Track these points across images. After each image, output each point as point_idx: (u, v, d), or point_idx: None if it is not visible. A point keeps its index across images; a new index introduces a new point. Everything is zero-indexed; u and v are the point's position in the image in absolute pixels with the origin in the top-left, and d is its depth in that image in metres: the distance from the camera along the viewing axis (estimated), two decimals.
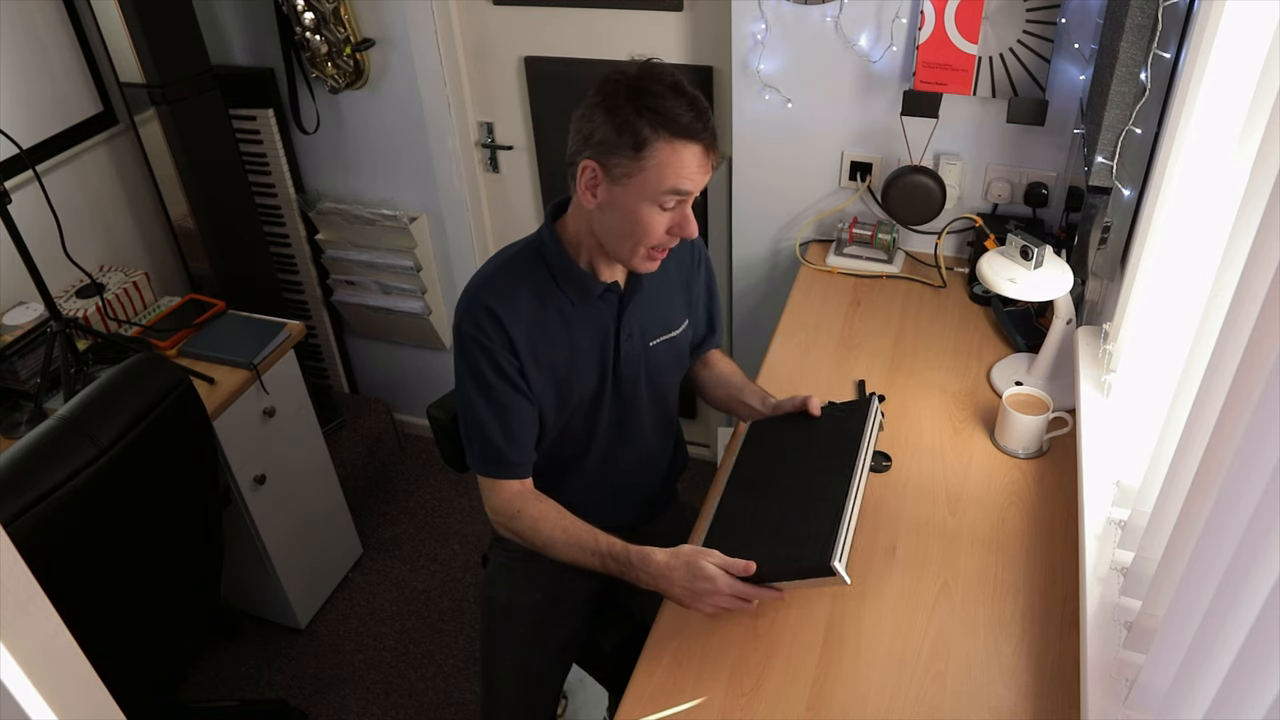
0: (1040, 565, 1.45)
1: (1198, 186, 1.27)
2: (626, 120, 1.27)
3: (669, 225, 1.35)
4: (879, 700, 1.27)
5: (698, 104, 1.30)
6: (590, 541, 1.40)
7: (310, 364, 3.06)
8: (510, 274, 1.44)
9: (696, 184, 1.32)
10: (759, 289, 2.45)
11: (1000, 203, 2.11)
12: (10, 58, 2.19)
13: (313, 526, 2.50)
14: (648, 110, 1.27)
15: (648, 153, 1.28)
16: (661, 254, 1.40)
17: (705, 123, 1.30)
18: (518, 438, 1.45)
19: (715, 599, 1.29)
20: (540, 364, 1.44)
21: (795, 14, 2.02)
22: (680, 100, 1.28)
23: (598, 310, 1.47)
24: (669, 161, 1.28)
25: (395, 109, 2.53)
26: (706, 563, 1.30)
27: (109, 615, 1.70)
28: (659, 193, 1.30)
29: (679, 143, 1.28)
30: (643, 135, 1.27)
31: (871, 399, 1.49)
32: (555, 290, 1.44)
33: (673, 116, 1.27)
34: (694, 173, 1.31)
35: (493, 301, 1.40)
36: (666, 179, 1.29)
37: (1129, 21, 1.35)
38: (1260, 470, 0.82)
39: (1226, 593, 0.86)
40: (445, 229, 2.70)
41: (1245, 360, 0.88)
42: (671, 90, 1.28)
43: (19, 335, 2.08)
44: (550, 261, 1.43)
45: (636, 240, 1.36)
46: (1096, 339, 1.64)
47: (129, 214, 2.57)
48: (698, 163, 1.30)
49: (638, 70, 1.30)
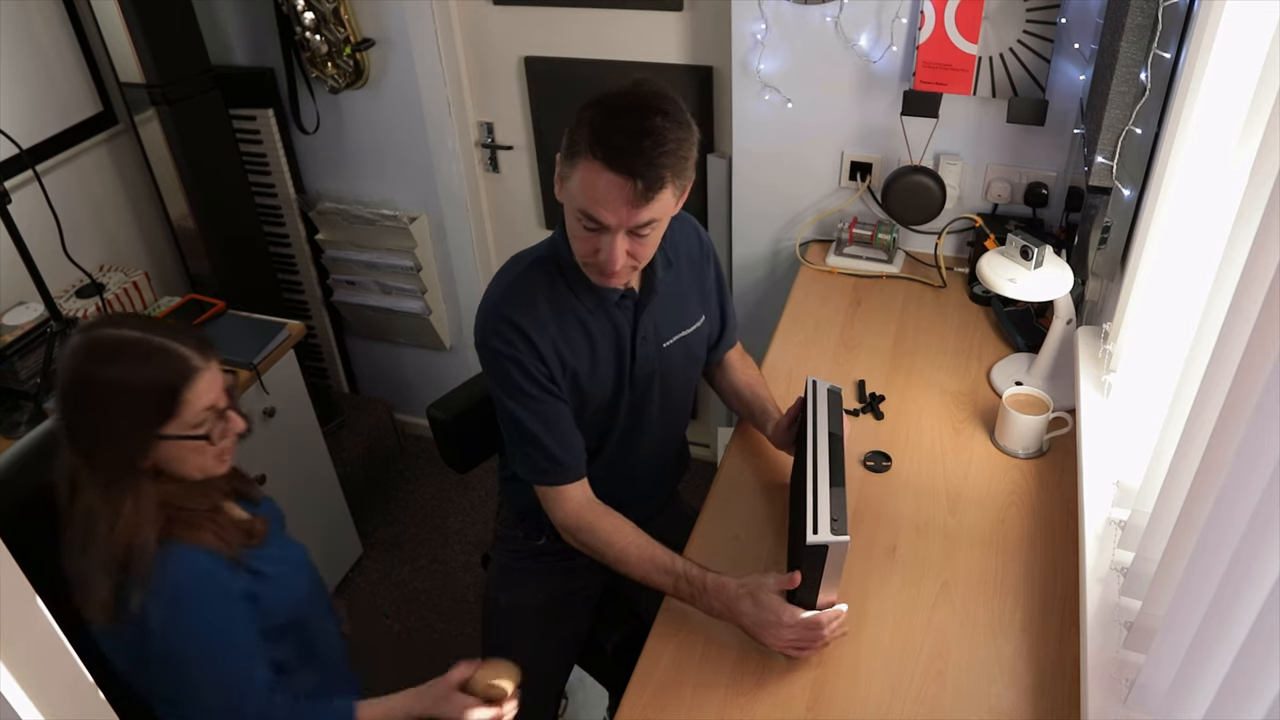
0: (1040, 565, 1.45)
1: (1198, 186, 1.27)
2: (578, 125, 1.25)
3: (595, 248, 1.31)
4: (879, 700, 1.27)
5: (649, 138, 1.21)
6: (667, 562, 1.38)
7: (310, 364, 3.06)
8: (527, 285, 1.42)
9: (612, 216, 1.25)
10: (759, 289, 2.45)
11: (1000, 203, 2.10)
12: (10, 58, 2.19)
13: (313, 526, 2.50)
14: (591, 125, 1.23)
15: (573, 164, 1.25)
16: (604, 278, 1.35)
17: (645, 159, 1.21)
18: (566, 440, 1.44)
19: (781, 632, 1.29)
20: (565, 371, 1.43)
21: (795, 14, 2.02)
22: (634, 128, 1.21)
23: (614, 316, 1.46)
24: (586, 181, 1.24)
25: (395, 109, 2.53)
26: (767, 594, 1.30)
27: None
28: (575, 208, 1.28)
29: (598, 165, 1.22)
30: (576, 144, 1.24)
31: (810, 382, 1.48)
32: (572, 299, 1.43)
33: (605, 139, 1.21)
34: (603, 199, 1.24)
35: (514, 314, 1.39)
36: (581, 197, 1.26)
37: (1129, 21, 1.35)
38: (1260, 470, 0.82)
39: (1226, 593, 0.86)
40: (445, 229, 2.70)
41: (1245, 360, 0.88)
42: (641, 115, 1.22)
43: (19, 335, 2.08)
44: (564, 270, 1.42)
45: (576, 248, 1.35)
46: (1096, 339, 1.64)
47: (129, 214, 2.57)
48: (614, 194, 1.23)
49: (633, 88, 1.27)
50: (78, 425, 1.21)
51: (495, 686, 1.33)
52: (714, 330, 1.66)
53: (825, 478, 1.30)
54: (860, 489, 1.60)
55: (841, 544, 1.22)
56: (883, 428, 1.73)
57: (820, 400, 1.45)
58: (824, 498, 1.27)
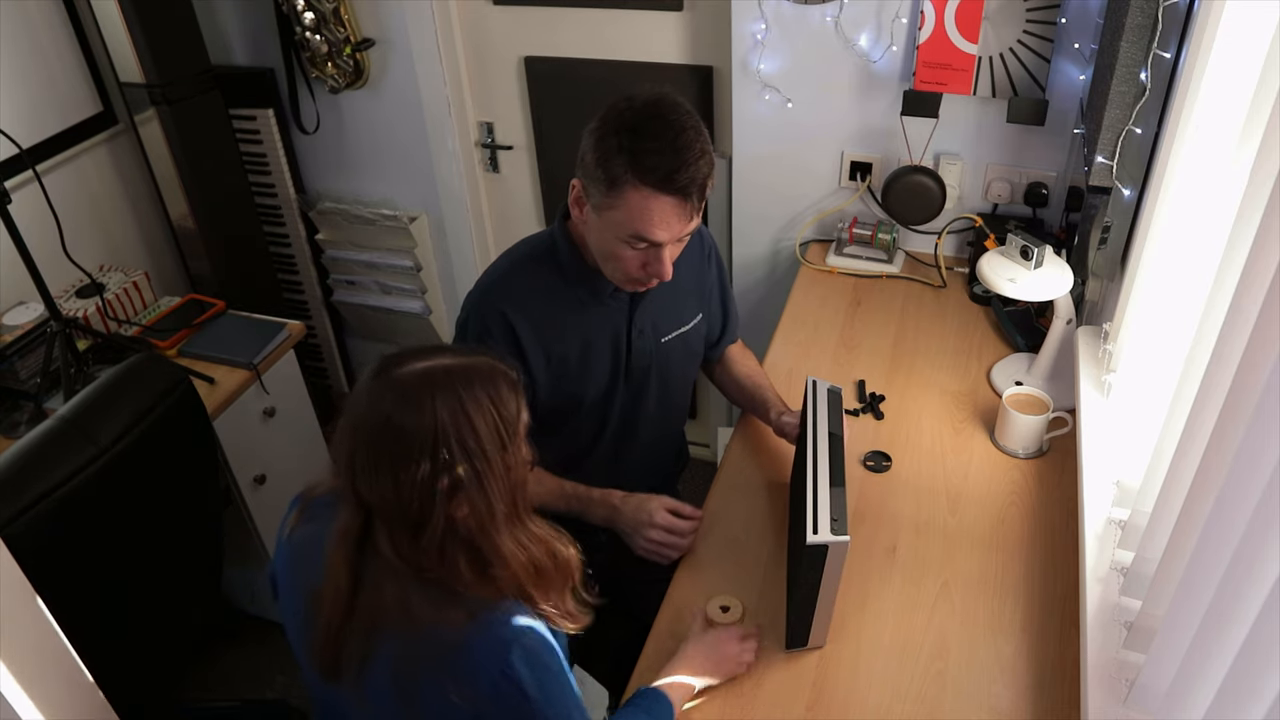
0: (1040, 565, 1.44)
1: (1198, 186, 1.27)
2: (608, 155, 1.25)
3: (642, 263, 1.34)
4: (879, 700, 1.27)
5: (686, 153, 1.24)
6: (556, 487, 1.50)
7: (310, 364, 3.05)
8: (521, 272, 1.45)
9: (667, 234, 1.29)
10: (759, 289, 2.45)
11: (1000, 203, 2.10)
12: (10, 58, 2.19)
13: None
14: (628, 152, 1.23)
15: (618, 193, 1.26)
16: (641, 286, 1.40)
17: (689, 173, 1.24)
18: None
19: (650, 533, 1.43)
20: (551, 360, 1.45)
21: (795, 14, 2.02)
22: (668, 146, 1.24)
23: (610, 308, 1.48)
24: (638, 208, 1.26)
25: (395, 109, 2.53)
26: (649, 499, 1.43)
27: (109, 616, 1.70)
28: (626, 234, 1.29)
29: (647, 191, 1.24)
30: (616, 175, 1.25)
31: (810, 382, 1.48)
32: (566, 288, 1.45)
33: (651, 166, 1.23)
34: (661, 223, 1.27)
35: (501, 303, 1.41)
36: (633, 224, 1.27)
37: (1129, 21, 1.35)
38: (1260, 470, 0.82)
39: (1226, 593, 0.86)
40: (445, 229, 2.70)
41: (1245, 360, 0.88)
42: (666, 131, 1.24)
43: (19, 335, 2.08)
44: (561, 260, 1.44)
45: (614, 267, 1.37)
46: (1096, 339, 1.64)
47: (129, 214, 2.57)
48: (670, 214, 1.27)
49: (643, 103, 1.27)
50: None
51: (729, 609, 1.39)
52: (714, 328, 1.67)
53: (825, 478, 1.29)
54: (860, 489, 1.60)
55: (841, 544, 1.22)
56: (883, 428, 1.73)
57: (820, 400, 1.45)
58: (824, 498, 1.26)
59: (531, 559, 1.04)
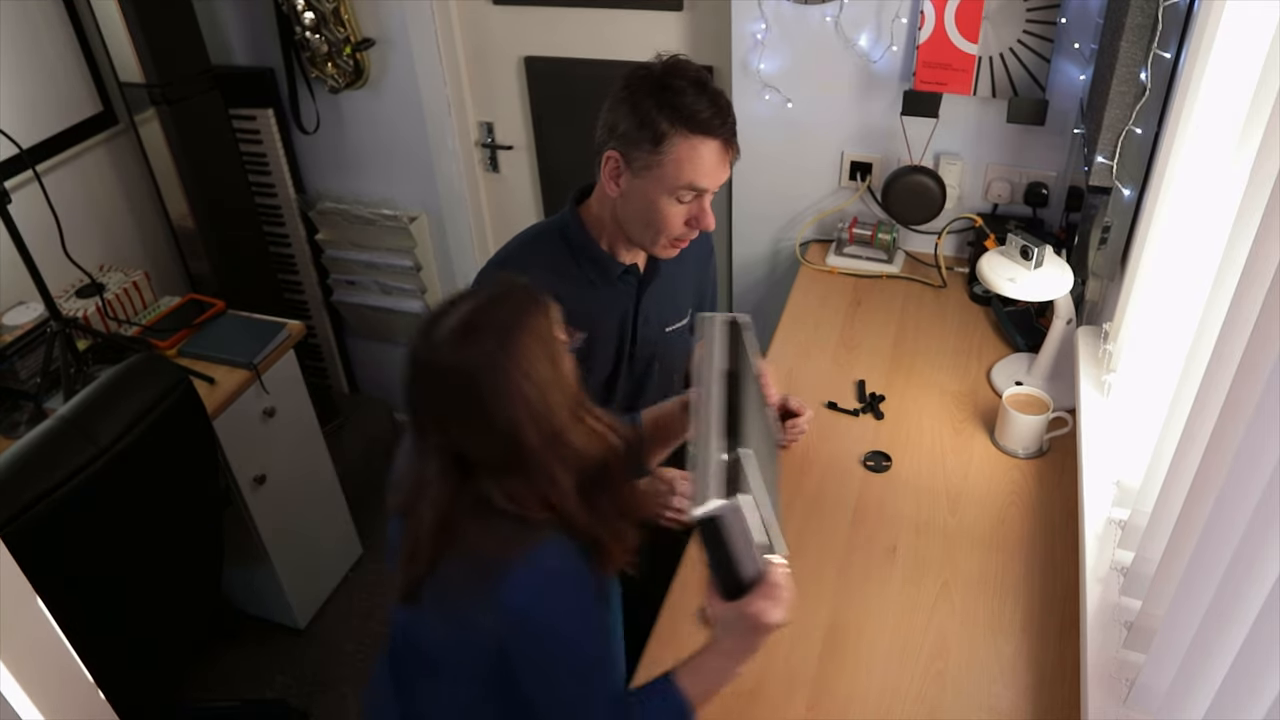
0: (1040, 565, 1.45)
1: (1198, 186, 1.27)
2: (648, 115, 1.30)
3: (687, 217, 1.38)
4: (879, 700, 1.27)
5: (719, 100, 1.32)
6: None
7: (310, 364, 3.05)
8: (531, 252, 1.48)
9: (713, 179, 1.35)
10: (759, 289, 2.45)
11: (1000, 203, 2.10)
12: (10, 58, 2.19)
13: (313, 526, 2.50)
14: (668, 106, 1.30)
15: (666, 147, 1.31)
16: (682, 244, 1.44)
17: (724, 119, 1.32)
18: None
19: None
20: None
21: (795, 14, 2.02)
22: (701, 96, 1.31)
23: (617, 292, 1.50)
24: (686, 157, 1.31)
25: (395, 109, 2.53)
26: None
27: (109, 615, 1.70)
28: (676, 186, 1.34)
29: (696, 138, 1.31)
30: (661, 130, 1.30)
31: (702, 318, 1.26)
32: (576, 269, 1.47)
33: (691, 113, 1.30)
34: (711, 168, 1.33)
35: (514, 275, 1.42)
36: (684, 174, 1.32)
37: (1129, 21, 1.36)
38: (1260, 470, 0.82)
39: (1227, 592, 0.86)
40: (445, 229, 2.70)
41: (1245, 360, 0.88)
42: (693, 86, 1.31)
43: (19, 335, 2.08)
44: (572, 242, 1.47)
45: (657, 230, 1.40)
46: (1096, 339, 1.64)
47: (129, 214, 2.57)
48: (715, 158, 1.33)
49: (663, 66, 1.34)
50: None
51: None
52: None
53: (716, 431, 1.01)
54: (860, 489, 1.60)
55: (734, 509, 0.93)
56: (883, 428, 1.73)
57: (714, 339, 1.18)
58: (712, 458, 0.97)
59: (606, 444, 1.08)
